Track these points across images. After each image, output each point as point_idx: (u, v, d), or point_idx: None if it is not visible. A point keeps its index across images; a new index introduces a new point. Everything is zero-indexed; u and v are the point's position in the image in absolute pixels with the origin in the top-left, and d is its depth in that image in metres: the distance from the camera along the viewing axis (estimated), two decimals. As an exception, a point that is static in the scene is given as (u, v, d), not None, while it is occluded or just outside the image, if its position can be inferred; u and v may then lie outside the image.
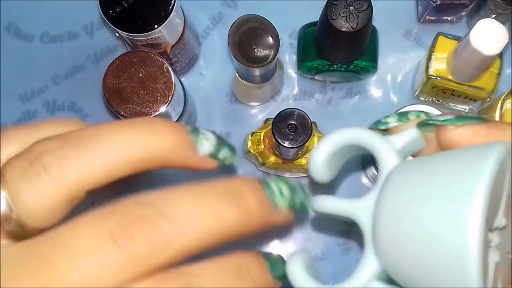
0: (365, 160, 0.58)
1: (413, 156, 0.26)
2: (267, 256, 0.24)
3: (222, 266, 0.21)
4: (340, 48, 0.52)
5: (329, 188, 0.59)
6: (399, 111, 0.26)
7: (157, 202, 0.20)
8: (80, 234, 0.20)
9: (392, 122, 0.26)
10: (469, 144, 0.24)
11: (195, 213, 0.21)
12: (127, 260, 0.19)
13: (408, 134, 0.25)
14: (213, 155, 0.24)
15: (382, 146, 0.24)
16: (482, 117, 0.25)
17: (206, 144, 0.23)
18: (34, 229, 0.21)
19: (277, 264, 0.24)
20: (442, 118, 0.24)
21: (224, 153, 0.24)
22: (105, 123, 0.22)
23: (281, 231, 0.59)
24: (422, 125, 0.25)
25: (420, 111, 0.26)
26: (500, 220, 0.22)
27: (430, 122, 0.25)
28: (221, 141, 0.24)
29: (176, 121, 0.53)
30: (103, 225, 0.20)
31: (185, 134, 0.23)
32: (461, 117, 0.24)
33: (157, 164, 0.22)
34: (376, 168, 0.55)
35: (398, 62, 0.61)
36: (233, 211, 0.21)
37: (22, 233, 0.21)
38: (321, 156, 0.25)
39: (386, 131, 0.27)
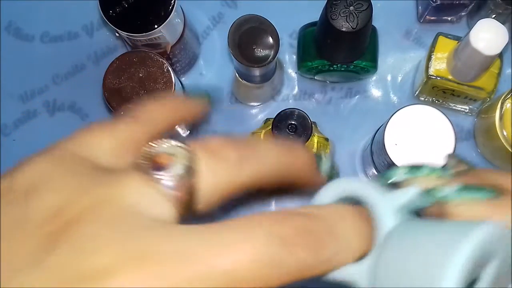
0: (366, 160, 0.58)
1: (420, 211, 0.25)
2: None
3: None
4: (340, 48, 0.52)
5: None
6: (411, 165, 0.24)
7: (326, 218, 0.22)
8: (254, 232, 0.20)
9: (400, 175, 0.24)
10: (468, 219, 0.23)
11: (353, 235, 0.22)
12: (290, 265, 0.20)
13: (409, 194, 0.24)
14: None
15: (379, 206, 0.23)
16: (492, 189, 0.23)
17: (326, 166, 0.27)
18: (190, 212, 0.21)
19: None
20: (443, 193, 0.23)
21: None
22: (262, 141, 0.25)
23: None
24: (424, 194, 0.24)
25: (434, 168, 0.24)
26: None
27: (430, 196, 0.23)
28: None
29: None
30: (276, 228, 0.20)
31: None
32: (465, 189, 0.23)
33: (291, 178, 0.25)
34: (377, 169, 0.55)
35: (398, 62, 0.61)
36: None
37: (183, 214, 0.21)
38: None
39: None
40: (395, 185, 0.25)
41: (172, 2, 0.49)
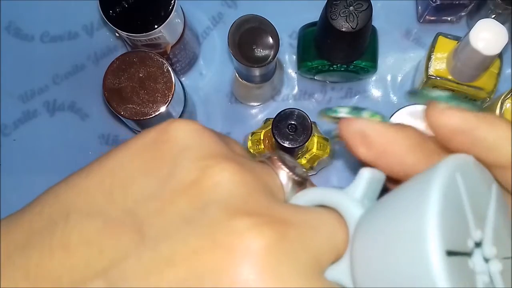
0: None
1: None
2: None
3: None
4: (340, 48, 0.52)
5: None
6: (351, 106, 0.26)
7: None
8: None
9: (343, 112, 0.26)
10: (456, 134, 0.23)
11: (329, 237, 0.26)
12: None
13: (363, 179, 0.25)
14: None
15: (343, 202, 0.24)
16: (477, 103, 0.24)
17: None
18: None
19: None
20: (435, 93, 0.24)
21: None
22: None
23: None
24: (412, 94, 0.25)
25: (376, 113, 0.25)
26: (475, 233, 0.21)
27: (423, 94, 0.24)
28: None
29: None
30: None
31: None
32: (454, 97, 0.24)
33: None
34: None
35: (398, 62, 0.61)
36: None
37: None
38: None
39: (337, 120, 0.26)
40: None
41: (172, 2, 0.49)
